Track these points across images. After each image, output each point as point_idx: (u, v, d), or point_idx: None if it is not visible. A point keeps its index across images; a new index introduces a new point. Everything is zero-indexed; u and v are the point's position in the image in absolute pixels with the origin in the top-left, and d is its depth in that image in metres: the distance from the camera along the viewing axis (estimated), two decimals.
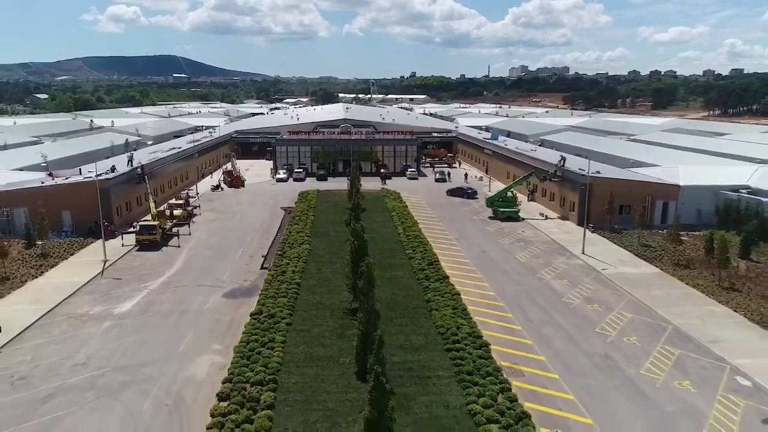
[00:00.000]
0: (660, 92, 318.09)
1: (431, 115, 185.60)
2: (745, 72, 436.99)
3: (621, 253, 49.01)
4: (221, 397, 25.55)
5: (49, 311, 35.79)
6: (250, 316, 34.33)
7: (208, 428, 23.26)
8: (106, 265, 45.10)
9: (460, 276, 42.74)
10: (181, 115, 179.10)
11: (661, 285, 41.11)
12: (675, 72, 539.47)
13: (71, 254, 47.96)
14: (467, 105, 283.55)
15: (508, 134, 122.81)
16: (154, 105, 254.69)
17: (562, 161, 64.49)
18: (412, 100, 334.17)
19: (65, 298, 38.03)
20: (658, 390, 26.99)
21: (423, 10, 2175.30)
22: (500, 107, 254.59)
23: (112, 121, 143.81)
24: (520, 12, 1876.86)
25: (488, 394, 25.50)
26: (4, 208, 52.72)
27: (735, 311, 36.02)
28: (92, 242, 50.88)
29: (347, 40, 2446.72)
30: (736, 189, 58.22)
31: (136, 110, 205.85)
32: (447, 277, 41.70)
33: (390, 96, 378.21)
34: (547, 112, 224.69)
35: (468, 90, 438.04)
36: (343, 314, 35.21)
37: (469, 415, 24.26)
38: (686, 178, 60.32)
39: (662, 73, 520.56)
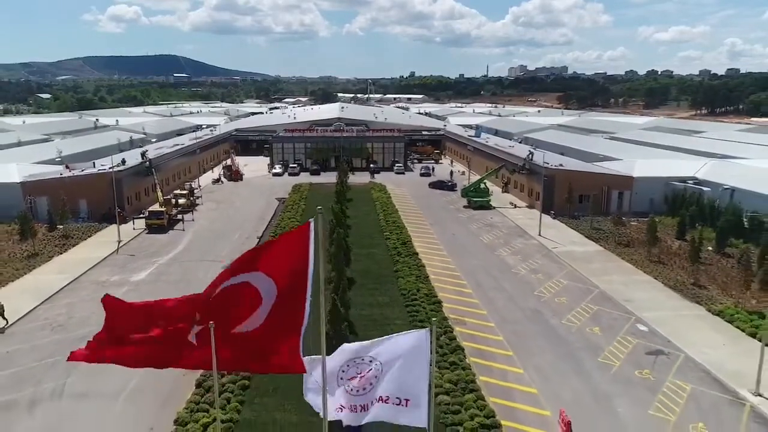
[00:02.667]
0: (652, 92, 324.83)
1: (426, 114, 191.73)
2: (741, 72, 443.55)
3: (573, 236, 55.58)
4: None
5: (75, 279, 42.39)
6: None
7: None
8: (121, 245, 51.65)
9: (428, 253, 49.27)
10: (182, 115, 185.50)
11: (600, 260, 47.70)
12: (671, 72, 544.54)
13: (89, 236, 54.54)
14: (463, 104, 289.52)
15: (496, 132, 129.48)
16: (155, 105, 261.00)
17: (530, 156, 71.04)
18: (409, 99, 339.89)
19: (88, 270, 44.62)
20: (571, 334, 33.55)
21: (423, 9, 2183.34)
22: (495, 106, 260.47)
23: (117, 120, 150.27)
24: (521, 11, 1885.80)
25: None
26: (28, 196, 59.35)
27: (655, 279, 42.56)
28: (106, 226, 57.39)
29: (347, 40, 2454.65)
30: (684, 180, 64.72)
31: (139, 110, 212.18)
32: (416, 254, 48.30)
33: (388, 96, 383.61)
34: (539, 111, 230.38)
35: (465, 89, 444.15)
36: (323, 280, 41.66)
37: None
38: (640, 170, 66.87)
39: (659, 72, 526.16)
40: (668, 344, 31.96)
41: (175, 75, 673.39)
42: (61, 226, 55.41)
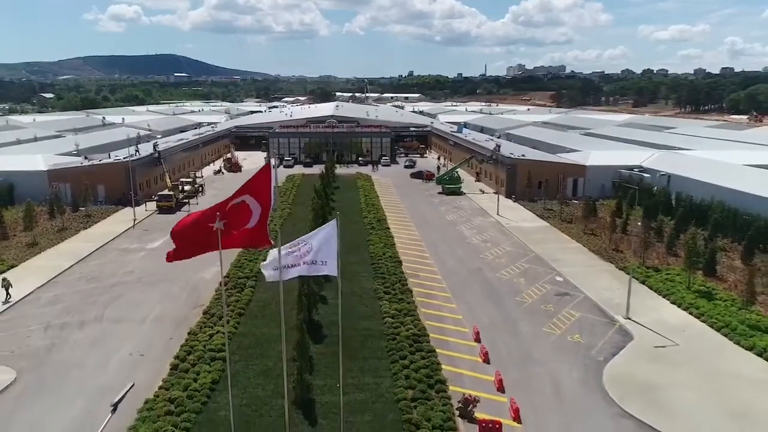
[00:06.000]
0: (642, 91, 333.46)
1: (420, 112, 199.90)
2: (736, 71, 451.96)
3: (527, 215, 64.11)
4: (222, 284, 40.51)
5: (101, 246, 51.03)
6: (242, 248, 49.37)
7: (214, 297, 38.27)
8: (136, 222, 60.16)
9: (399, 228, 57.78)
10: (184, 113, 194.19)
11: (543, 232, 56.26)
12: (666, 71, 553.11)
13: (107, 216, 63.09)
14: (459, 103, 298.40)
15: (482, 129, 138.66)
16: (157, 104, 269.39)
17: (497, 148, 79.53)
18: (406, 98, 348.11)
19: (110, 240, 53.23)
20: (501, 283, 42.10)
21: (423, 8, 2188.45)
22: (489, 105, 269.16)
23: (123, 118, 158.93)
24: (520, 10, 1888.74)
25: (389, 283, 40.54)
26: (53, 182, 67.86)
27: (584, 246, 51.09)
28: (122, 208, 65.87)
29: (347, 39, 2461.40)
30: (630, 168, 73.17)
31: (142, 108, 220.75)
32: (388, 228, 56.82)
33: (386, 95, 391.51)
34: (528, 110, 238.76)
35: (461, 88, 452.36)
36: None
37: (373, 291, 39.34)
38: (593, 160, 75.41)
39: (654, 71, 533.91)
40: (575, 289, 40.51)
41: (175, 74, 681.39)
42: (83, 208, 63.95)
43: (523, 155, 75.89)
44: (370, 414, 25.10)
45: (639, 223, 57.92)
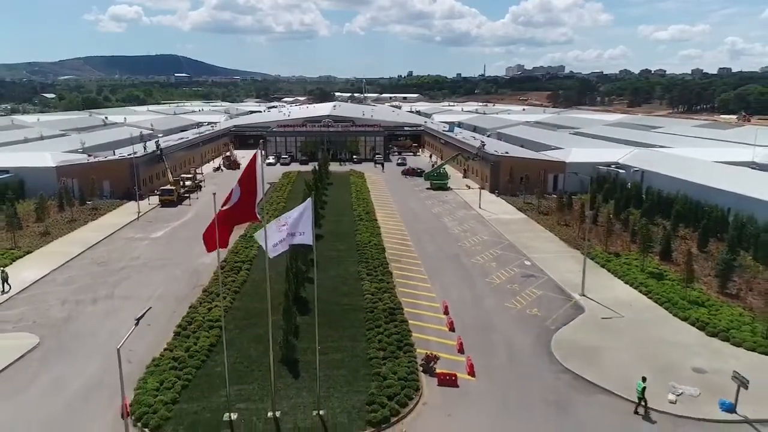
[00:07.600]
0: (638, 91, 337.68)
1: (417, 112, 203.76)
2: (733, 71, 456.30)
3: (508, 208, 68.13)
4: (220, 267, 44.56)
5: (109, 235, 55.13)
6: (239, 237, 53.47)
7: (212, 278, 42.30)
8: (140, 215, 64.19)
9: (386, 220, 61.84)
10: (185, 113, 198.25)
11: (519, 223, 60.31)
12: (664, 71, 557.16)
13: (113, 209, 67.13)
14: (456, 103, 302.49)
15: (474, 128, 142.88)
16: (158, 104, 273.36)
17: (482, 145, 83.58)
18: (405, 98, 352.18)
19: (117, 230, 57.31)
20: (474, 267, 46.12)
21: (423, 9, 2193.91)
22: (486, 105, 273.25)
23: (125, 118, 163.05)
24: (520, 10, 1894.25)
25: (372, 266, 44.56)
26: (62, 178, 71.91)
27: (555, 235, 55.13)
28: (126, 202, 69.93)
29: (348, 39, 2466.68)
30: (608, 165, 77.19)
31: (143, 108, 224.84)
32: (376, 220, 60.87)
33: (384, 95, 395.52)
34: (524, 110, 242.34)
35: (460, 88, 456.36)
36: None
37: (356, 273, 43.37)
38: (573, 157, 79.44)
39: (652, 71, 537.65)
40: (540, 272, 44.56)
41: (176, 75, 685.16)
42: (90, 201, 68.02)
43: (507, 152, 79.93)
44: (346, 369, 29.14)
45: (610, 215, 62.12)
